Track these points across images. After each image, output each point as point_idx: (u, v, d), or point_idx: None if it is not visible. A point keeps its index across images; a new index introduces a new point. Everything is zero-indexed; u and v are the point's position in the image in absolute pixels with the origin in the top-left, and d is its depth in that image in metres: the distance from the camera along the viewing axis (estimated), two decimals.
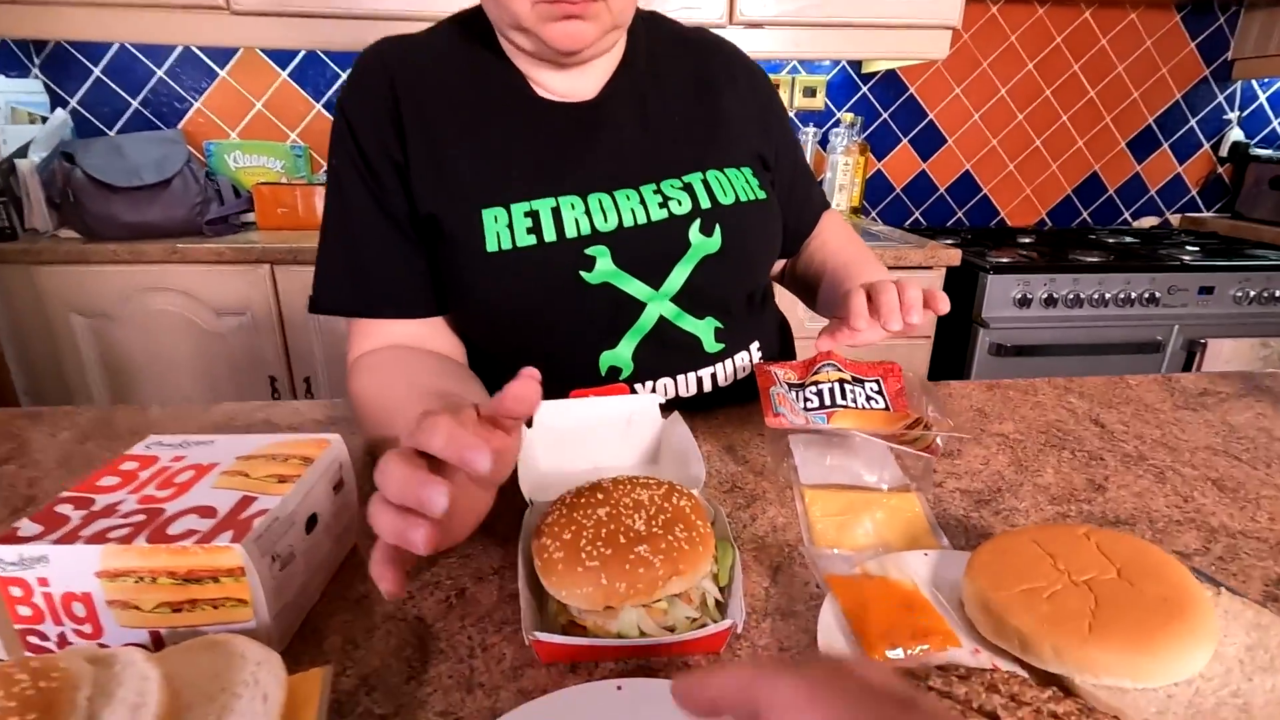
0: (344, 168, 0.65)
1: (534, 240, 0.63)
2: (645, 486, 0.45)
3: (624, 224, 0.65)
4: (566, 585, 0.39)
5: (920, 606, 0.41)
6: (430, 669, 0.39)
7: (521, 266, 0.63)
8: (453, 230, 0.63)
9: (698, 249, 0.67)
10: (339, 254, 0.67)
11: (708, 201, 0.68)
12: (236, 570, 0.36)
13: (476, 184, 0.64)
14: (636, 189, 0.67)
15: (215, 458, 0.44)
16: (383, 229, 0.65)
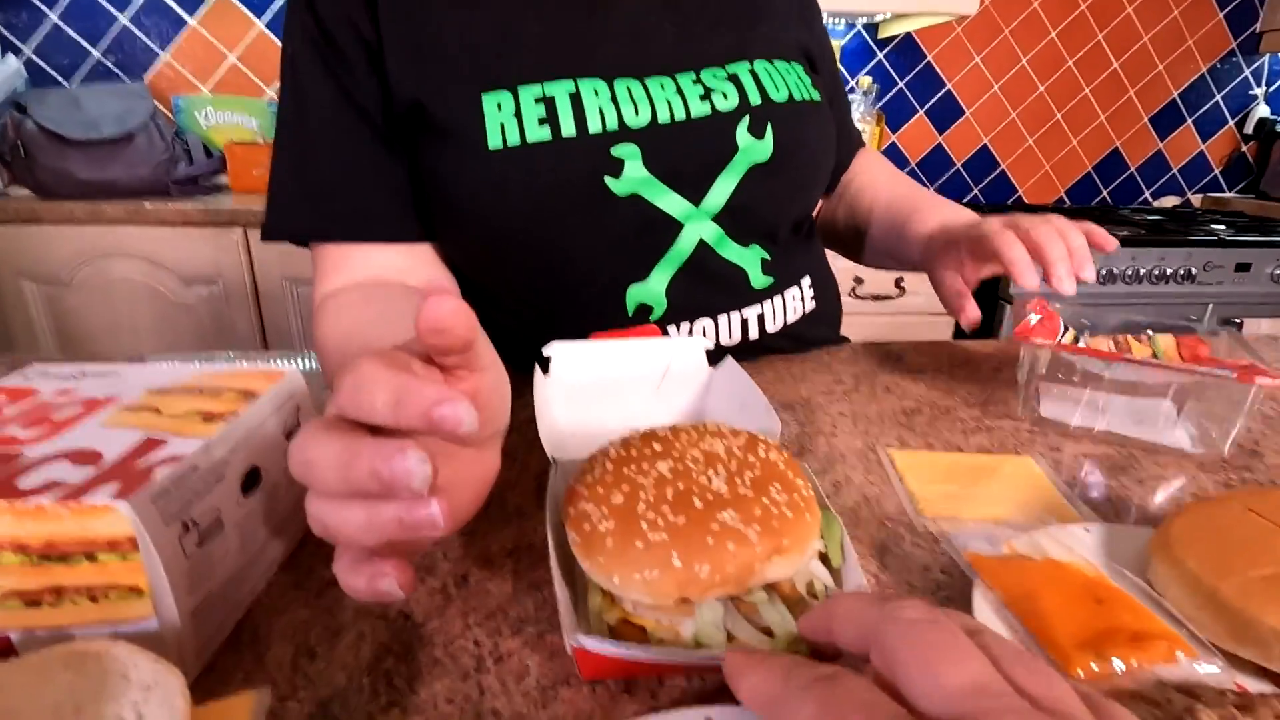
0: (302, 54, 0.52)
1: (548, 134, 0.50)
2: (718, 435, 0.33)
3: (658, 119, 0.52)
4: (621, 569, 0.27)
5: (1115, 598, 0.29)
6: (420, 690, 0.27)
7: (531, 167, 0.50)
8: (444, 122, 0.50)
9: (746, 154, 0.55)
10: (297, 165, 0.54)
11: (758, 97, 0.55)
12: (124, 542, 0.24)
13: (473, 62, 0.51)
14: (672, 76, 0.54)
15: (116, 390, 0.32)
16: (351, 129, 0.52)
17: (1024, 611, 0.28)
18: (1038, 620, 0.28)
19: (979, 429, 0.51)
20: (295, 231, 0.55)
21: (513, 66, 0.51)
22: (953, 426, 0.51)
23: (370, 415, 0.22)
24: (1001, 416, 0.53)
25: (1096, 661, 0.26)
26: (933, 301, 1.70)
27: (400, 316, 0.49)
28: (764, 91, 0.55)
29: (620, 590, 0.27)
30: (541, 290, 0.57)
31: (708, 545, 0.26)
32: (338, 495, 0.23)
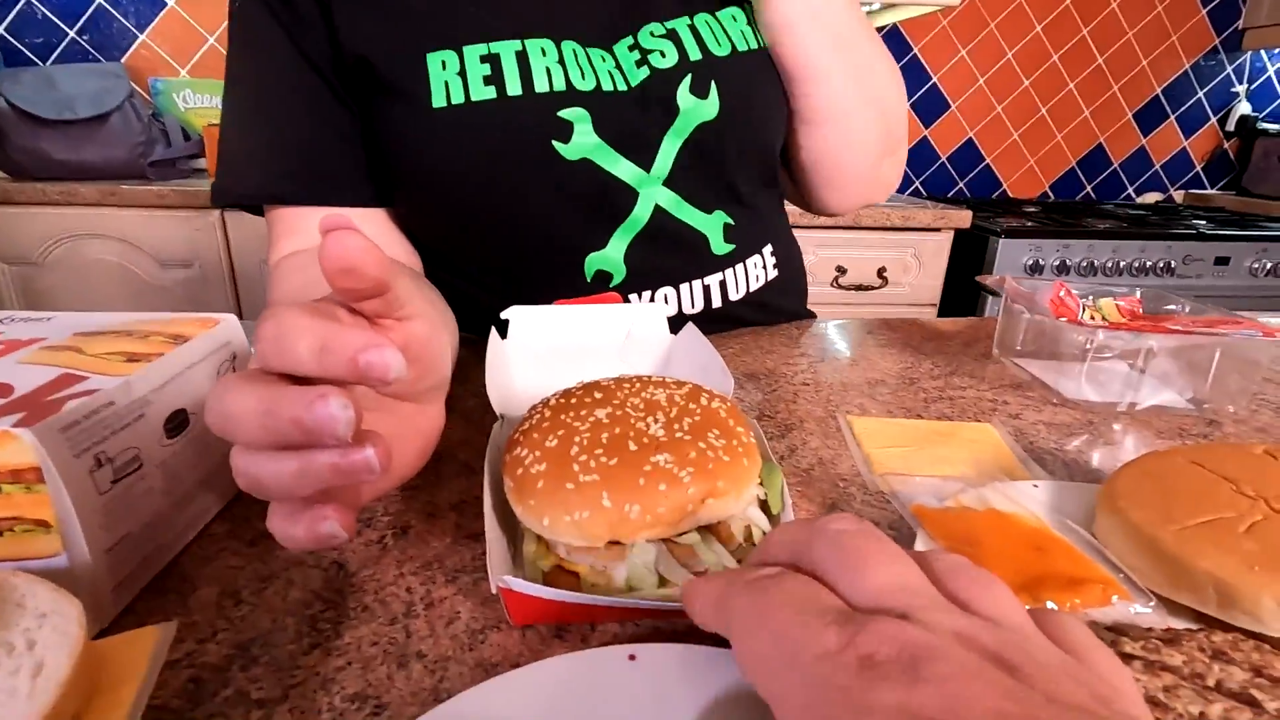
0: (250, 6, 0.51)
1: (493, 92, 0.49)
2: (661, 385, 0.32)
3: (602, 86, 0.52)
4: (551, 510, 0.26)
5: (1054, 546, 0.29)
6: (345, 634, 0.26)
7: (477, 126, 0.49)
8: (389, 79, 0.49)
9: (689, 115, 0.54)
10: (248, 123, 0.53)
11: (698, 52, 0.54)
12: (28, 472, 0.23)
13: (418, 20, 0.50)
14: (610, 50, 0.53)
15: (45, 333, 0.31)
16: (303, 84, 0.51)
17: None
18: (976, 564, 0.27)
19: (941, 399, 0.51)
20: (246, 193, 0.54)
21: (458, 24, 0.50)
22: (915, 396, 0.51)
23: (295, 365, 0.21)
24: (965, 387, 0.53)
25: (1030, 603, 0.26)
26: (916, 292, 1.71)
27: None
28: (704, 46, 0.54)
29: (551, 533, 0.26)
30: (499, 258, 0.56)
31: (639, 486, 0.26)
32: (264, 447, 0.22)
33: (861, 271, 1.66)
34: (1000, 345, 0.59)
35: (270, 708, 0.23)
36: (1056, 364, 0.54)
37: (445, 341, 0.32)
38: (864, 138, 0.62)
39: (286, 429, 0.20)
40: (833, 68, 0.57)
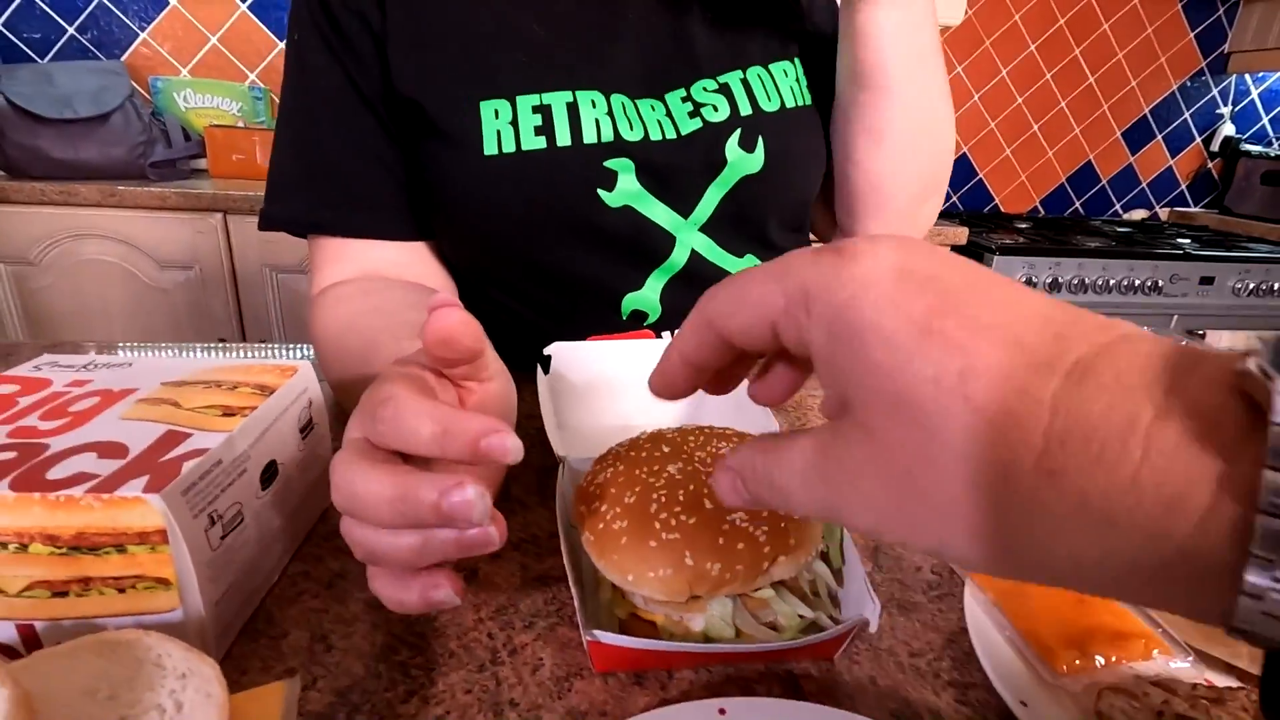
0: (307, 37, 0.52)
1: (543, 143, 0.51)
2: (723, 438, 0.34)
3: (650, 135, 0.53)
4: (635, 566, 0.28)
5: (1095, 600, 0.31)
6: (438, 680, 0.28)
7: (526, 175, 0.51)
8: (441, 124, 0.51)
9: (735, 167, 0.56)
10: (300, 152, 0.54)
11: (748, 107, 0.56)
12: (154, 534, 0.24)
13: (472, 68, 0.51)
14: (662, 99, 0.55)
15: (133, 382, 0.32)
16: (356, 118, 0.52)
17: (1012, 610, 0.30)
18: (1025, 619, 0.30)
19: None
20: (293, 222, 0.55)
21: (512, 74, 0.51)
22: None
23: (414, 448, 0.23)
24: None
25: (1080, 658, 0.28)
26: None
27: (397, 309, 0.49)
28: (754, 101, 0.56)
29: (634, 587, 0.28)
30: (538, 294, 0.58)
31: (718, 545, 0.28)
32: (392, 528, 0.23)
33: None
34: None
35: None
36: None
37: (514, 396, 0.33)
38: (918, 163, 0.61)
39: (423, 515, 0.22)
40: (910, 82, 0.57)
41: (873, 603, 0.28)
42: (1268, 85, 2.33)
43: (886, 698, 0.28)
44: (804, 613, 0.29)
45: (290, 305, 1.59)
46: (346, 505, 0.23)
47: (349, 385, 0.45)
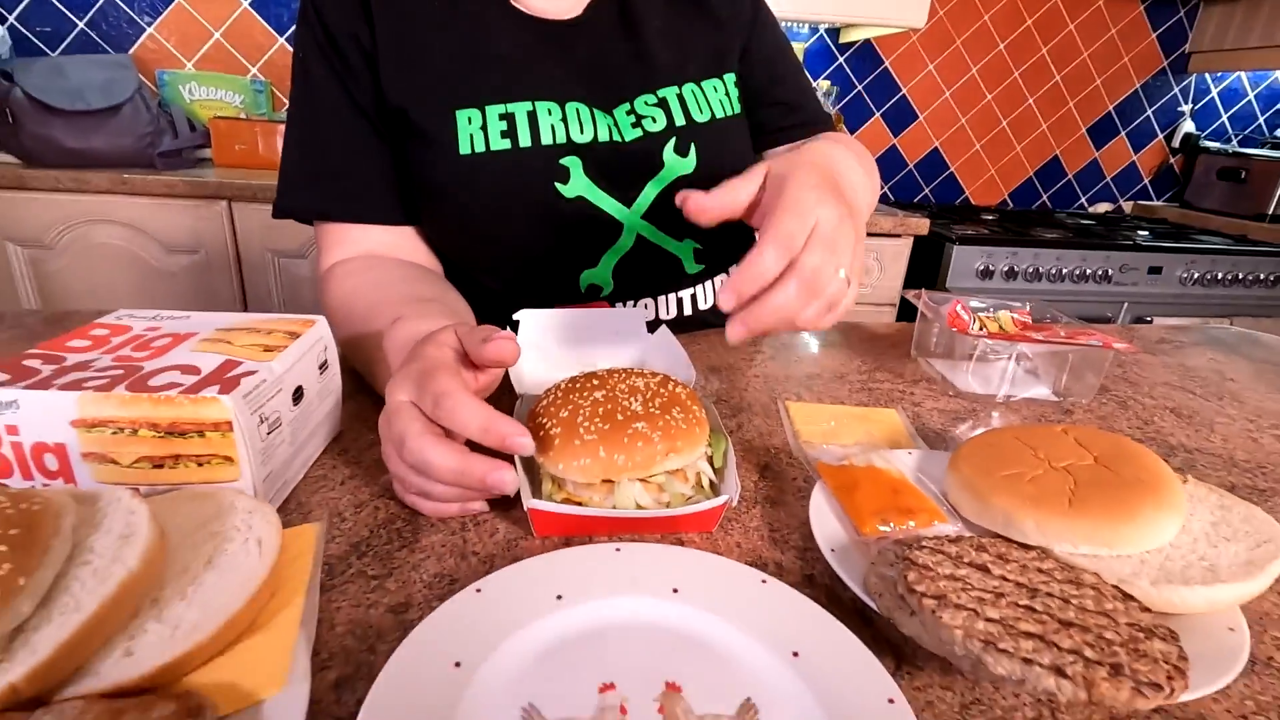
0: (310, 54, 0.62)
1: (508, 145, 0.61)
2: (641, 375, 0.45)
3: (598, 138, 0.64)
4: (564, 459, 0.39)
5: (907, 490, 0.42)
6: (422, 539, 0.39)
7: (495, 171, 0.61)
8: (423, 128, 0.61)
9: (671, 169, 0.66)
10: (306, 152, 0.64)
11: (683, 119, 0.66)
12: (224, 424, 0.35)
13: (450, 82, 0.61)
14: (610, 112, 0.66)
15: (193, 329, 0.42)
16: (352, 123, 0.63)
17: (843, 495, 0.41)
18: (850, 501, 0.41)
19: (863, 390, 0.64)
20: (302, 211, 0.65)
21: (482, 87, 0.62)
22: (842, 387, 0.64)
23: (464, 433, 0.37)
24: (883, 381, 0.66)
25: (880, 523, 0.39)
26: (878, 293, 1.85)
27: (392, 282, 0.60)
28: (688, 114, 0.66)
29: (564, 474, 0.39)
30: (507, 271, 0.68)
31: (624, 443, 0.39)
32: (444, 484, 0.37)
33: None
34: (916, 347, 0.72)
35: (381, 579, 0.35)
36: (955, 363, 0.67)
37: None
38: None
39: (473, 484, 0.36)
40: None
41: (736, 487, 0.39)
42: (1226, 84, 2.44)
43: (746, 554, 0.39)
44: (688, 493, 0.40)
45: (291, 287, 1.69)
46: (417, 464, 0.36)
47: (355, 342, 0.56)
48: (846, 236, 0.42)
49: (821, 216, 0.41)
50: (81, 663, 0.25)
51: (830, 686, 0.28)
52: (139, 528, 0.28)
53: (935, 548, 0.35)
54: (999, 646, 0.27)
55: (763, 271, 0.40)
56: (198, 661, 0.26)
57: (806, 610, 0.32)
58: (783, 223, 0.40)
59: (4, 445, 0.34)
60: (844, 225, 0.42)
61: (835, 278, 0.42)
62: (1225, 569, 0.35)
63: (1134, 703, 0.25)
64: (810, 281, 0.41)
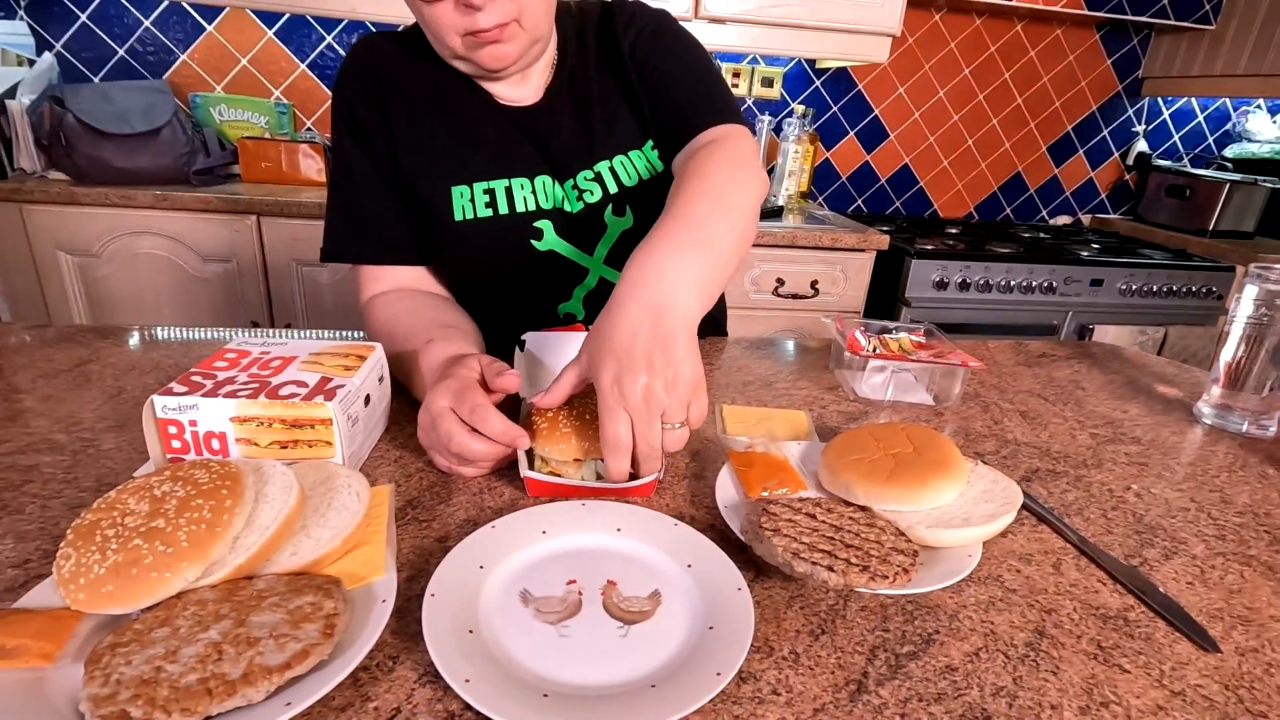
0: (345, 139, 0.81)
1: (491, 213, 0.80)
2: None
3: (561, 208, 0.83)
4: (549, 444, 0.58)
5: (787, 469, 0.61)
6: (454, 499, 0.57)
7: (482, 234, 0.80)
8: (428, 199, 0.80)
9: (614, 227, 0.84)
10: (346, 212, 0.83)
11: (615, 186, 0.83)
12: (327, 421, 0.54)
13: (446, 162, 0.80)
14: (563, 185, 0.83)
15: (292, 353, 0.61)
16: (380, 189, 0.81)
17: (741, 474, 0.60)
18: (745, 474, 0.60)
19: (785, 395, 0.83)
20: (345, 256, 0.84)
21: (470, 167, 0.80)
22: (769, 392, 0.83)
23: (488, 434, 0.55)
24: (804, 388, 0.85)
25: (762, 489, 0.58)
26: (842, 301, 2.04)
27: (421, 310, 0.79)
28: (620, 181, 0.84)
29: (548, 455, 0.58)
30: (499, 305, 0.87)
31: (589, 434, 0.57)
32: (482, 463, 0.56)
33: (797, 283, 1.99)
34: (834, 361, 0.91)
35: (428, 523, 0.54)
36: (855, 374, 0.86)
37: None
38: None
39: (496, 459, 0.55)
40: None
41: (662, 470, 0.59)
42: (1178, 106, 2.63)
43: (671, 510, 0.58)
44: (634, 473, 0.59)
45: (312, 294, 1.87)
46: (461, 453, 0.55)
47: (396, 359, 0.75)
48: (657, 396, 0.53)
49: (629, 399, 0.53)
50: (270, 558, 0.44)
51: (707, 583, 0.47)
52: (292, 484, 0.47)
53: (785, 503, 0.54)
54: (801, 555, 0.46)
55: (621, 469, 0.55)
56: (330, 562, 0.45)
57: (700, 541, 0.51)
58: (606, 430, 0.53)
59: (186, 433, 0.53)
60: (652, 388, 0.53)
61: (671, 430, 0.55)
62: (975, 519, 0.54)
63: (871, 584, 0.44)
64: (650, 452, 0.55)
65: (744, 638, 0.42)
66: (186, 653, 0.36)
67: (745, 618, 0.43)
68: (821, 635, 0.45)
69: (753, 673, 0.42)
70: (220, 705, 0.34)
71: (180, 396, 0.52)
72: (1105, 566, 0.54)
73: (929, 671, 0.43)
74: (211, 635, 0.37)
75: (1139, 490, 0.67)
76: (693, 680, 0.39)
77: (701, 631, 0.43)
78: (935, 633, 0.46)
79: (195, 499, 0.42)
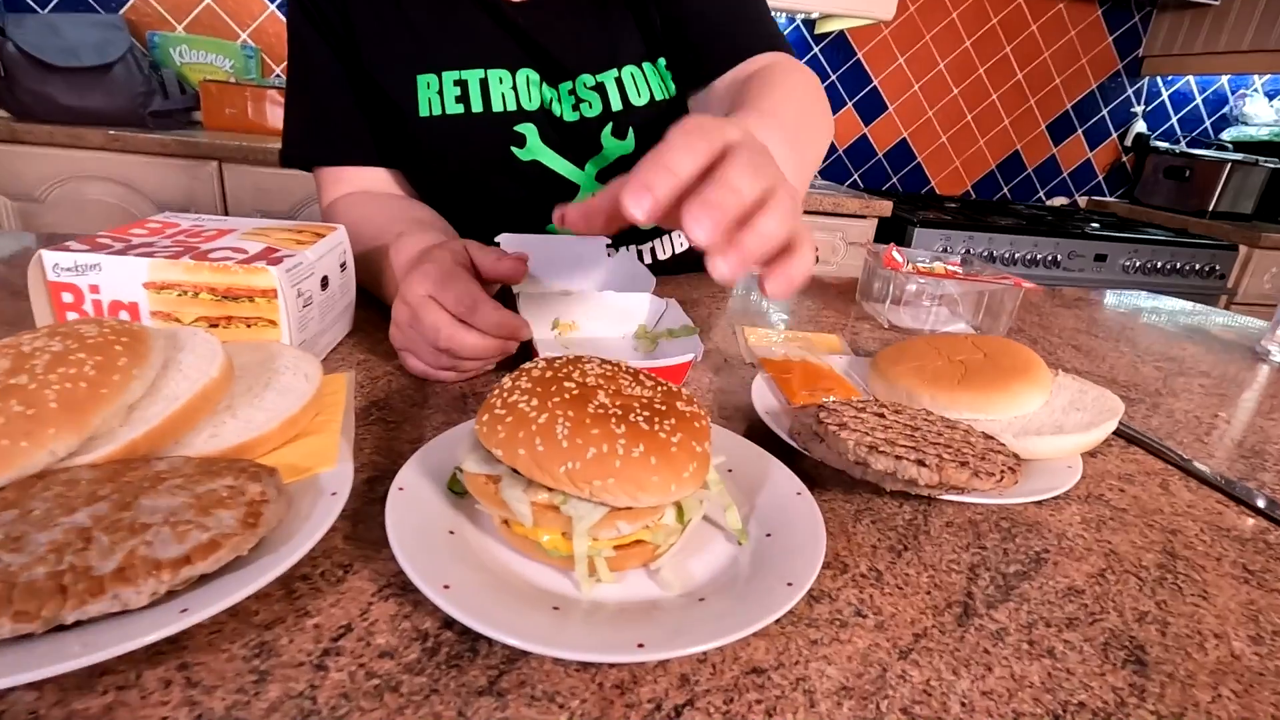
0: (303, 26, 0.69)
1: (461, 109, 0.68)
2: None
3: (545, 106, 0.70)
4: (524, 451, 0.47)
5: (832, 376, 0.51)
6: (430, 402, 0.46)
7: (453, 134, 0.68)
8: (390, 91, 0.68)
9: (610, 150, 0.72)
10: (305, 109, 0.71)
11: (619, 103, 0.71)
12: (270, 292, 0.42)
13: (411, 49, 0.68)
14: (555, 87, 0.71)
15: (233, 226, 0.50)
16: (342, 81, 0.70)
17: (779, 378, 0.50)
18: (784, 382, 0.49)
19: (809, 322, 0.73)
20: (308, 157, 0.72)
21: (440, 55, 0.68)
22: (793, 320, 0.73)
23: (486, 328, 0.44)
24: (830, 317, 0.75)
25: (807, 396, 0.47)
26: (842, 270, 1.95)
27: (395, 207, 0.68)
28: (626, 98, 0.71)
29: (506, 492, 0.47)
30: (474, 225, 0.75)
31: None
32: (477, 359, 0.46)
33: None
34: (861, 293, 0.82)
35: (399, 424, 0.43)
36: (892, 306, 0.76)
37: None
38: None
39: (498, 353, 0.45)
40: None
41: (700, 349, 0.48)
42: (1176, 88, 2.58)
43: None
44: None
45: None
46: (453, 349, 0.44)
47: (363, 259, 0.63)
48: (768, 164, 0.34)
49: (730, 137, 0.34)
50: (179, 438, 0.33)
51: (754, 488, 0.37)
52: (216, 351, 0.36)
53: (845, 403, 0.43)
54: (879, 450, 0.36)
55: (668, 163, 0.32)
56: (266, 449, 0.34)
57: (738, 442, 0.41)
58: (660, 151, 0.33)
59: (86, 301, 0.41)
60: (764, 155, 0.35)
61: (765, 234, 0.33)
62: (1070, 427, 0.44)
63: (972, 483, 0.34)
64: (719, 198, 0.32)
65: (815, 543, 0.32)
66: (37, 539, 0.25)
67: (812, 522, 0.33)
68: (904, 552, 0.35)
69: (825, 591, 0.32)
70: (80, 609, 0.23)
71: (78, 254, 0.41)
72: (1221, 488, 0.45)
73: (1049, 594, 0.33)
74: (79, 519, 0.26)
75: (1227, 418, 0.58)
76: (755, 593, 0.29)
77: (756, 540, 0.33)
78: (1044, 552, 0.37)
79: (76, 353, 0.31)
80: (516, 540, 0.31)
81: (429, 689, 0.25)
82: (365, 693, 0.24)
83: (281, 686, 0.24)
